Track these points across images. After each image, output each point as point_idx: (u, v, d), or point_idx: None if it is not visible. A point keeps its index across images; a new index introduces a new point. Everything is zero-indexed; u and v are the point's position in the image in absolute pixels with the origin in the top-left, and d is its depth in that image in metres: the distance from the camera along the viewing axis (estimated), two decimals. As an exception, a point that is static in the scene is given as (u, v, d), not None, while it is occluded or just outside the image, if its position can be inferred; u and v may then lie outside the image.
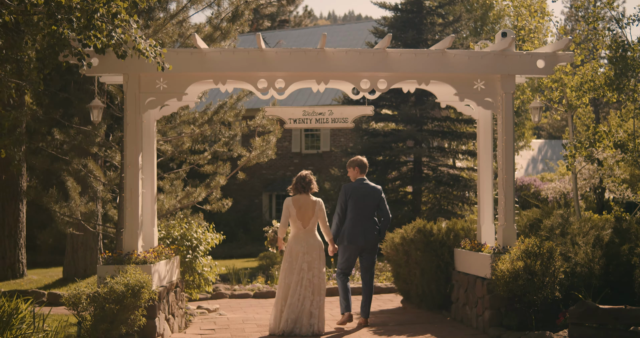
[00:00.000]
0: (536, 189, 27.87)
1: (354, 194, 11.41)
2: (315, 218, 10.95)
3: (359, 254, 11.60)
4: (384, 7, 27.26)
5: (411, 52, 11.39)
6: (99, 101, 11.85)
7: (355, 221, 11.37)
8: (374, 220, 11.57)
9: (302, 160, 33.22)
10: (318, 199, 11.12)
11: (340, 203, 11.45)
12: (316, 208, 10.95)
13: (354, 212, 11.33)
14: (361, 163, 11.70)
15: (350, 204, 11.36)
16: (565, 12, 40.79)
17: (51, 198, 15.18)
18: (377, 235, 11.54)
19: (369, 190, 11.49)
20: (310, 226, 10.92)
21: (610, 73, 13.82)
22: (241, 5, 15.86)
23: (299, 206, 10.92)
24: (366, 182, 11.57)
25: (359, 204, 11.36)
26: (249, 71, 11.23)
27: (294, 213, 10.89)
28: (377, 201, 11.50)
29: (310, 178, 11.11)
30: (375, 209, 11.53)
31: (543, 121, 49.20)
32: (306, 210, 10.91)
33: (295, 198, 11.03)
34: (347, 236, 11.39)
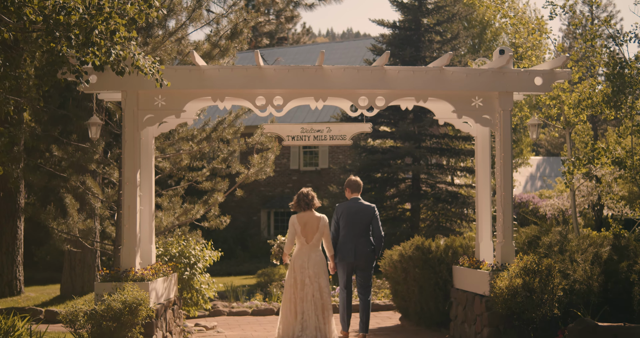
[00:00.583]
0: (534, 206, 27.86)
1: (346, 213, 11.54)
2: (320, 234, 11.09)
3: (352, 270, 11.64)
4: (382, 25, 27.36)
5: (409, 70, 11.42)
6: (97, 118, 11.86)
7: (347, 238, 11.47)
8: (368, 238, 11.61)
9: (300, 177, 33.21)
10: (322, 215, 11.25)
11: (333, 222, 11.59)
12: (320, 224, 11.10)
13: (346, 230, 11.45)
14: (353, 183, 11.84)
15: (342, 222, 11.49)
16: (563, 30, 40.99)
17: (49, 215, 15.16)
18: (370, 253, 11.59)
19: (361, 209, 11.60)
20: (314, 242, 11.06)
21: (608, 90, 13.85)
22: (240, 23, 15.91)
23: (304, 222, 11.07)
24: (360, 201, 11.69)
25: (350, 223, 11.48)
26: (248, 88, 11.25)
27: (299, 229, 11.04)
28: (370, 219, 11.58)
29: (312, 195, 11.29)
30: (369, 227, 11.59)
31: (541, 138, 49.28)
32: (311, 226, 11.07)
33: (300, 215, 11.18)
34: (339, 253, 11.49)
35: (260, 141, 16.45)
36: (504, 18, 15.76)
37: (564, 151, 15.96)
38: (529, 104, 18.15)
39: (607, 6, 37.54)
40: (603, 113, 14.16)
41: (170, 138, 15.94)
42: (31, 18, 8.01)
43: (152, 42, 14.45)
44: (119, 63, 9.07)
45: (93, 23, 8.33)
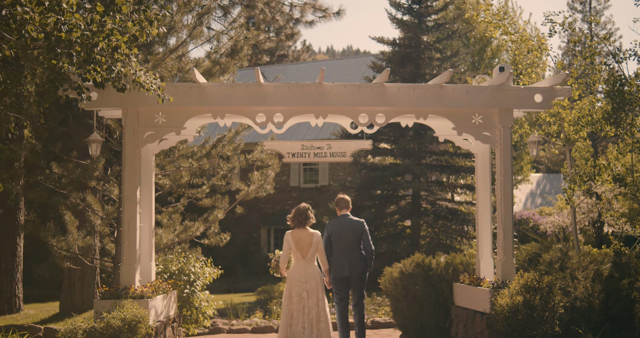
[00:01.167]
0: (535, 223, 27.81)
1: (337, 229, 11.62)
2: (314, 249, 11.21)
3: (348, 284, 11.68)
4: (382, 42, 27.42)
5: (409, 87, 11.44)
6: (97, 135, 11.88)
7: (340, 253, 11.53)
8: (360, 252, 11.64)
9: (300, 194, 33.18)
10: (316, 231, 11.36)
11: (325, 238, 11.65)
12: (314, 240, 11.23)
13: (338, 246, 11.53)
14: (341, 200, 11.91)
15: (334, 238, 11.57)
16: (562, 47, 41.07)
17: (48, 232, 15.14)
18: (363, 266, 11.63)
19: (351, 224, 11.66)
20: (309, 257, 11.18)
21: (608, 107, 13.87)
22: (240, 40, 15.95)
23: (297, 239, 11.21)
24: (349, 217, 11.75)
25: (342, 238, 11.55)
26: (248, 105, 11.27)
27: (293, 245, 11.19)
28: (360, 234, 11.63)
29: (307, 213, 11.39)
30: (360, 242, 11.64)
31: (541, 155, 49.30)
32: (305, 242, 11.19)
33: (293, 231, 11.32)
34: (334, 268, 11.56)
35: (260, 158, 16.46)
36: (504, 35, 15.80)
37: (564, 168, 15.96)
38: (529, 121, 18.20)
39: (606, 24, 37.65)
40: (603, 130, 14.17)
41: (170, 155, 15.94)
42: (32, 35, 8.03)
43: (152, 59, 14.48)
44: (120, 80, 9.09)
45: (94, 40, 8.36)
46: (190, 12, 15.58)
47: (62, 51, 8.31)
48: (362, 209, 25.17)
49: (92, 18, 8.35)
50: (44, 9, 7.98)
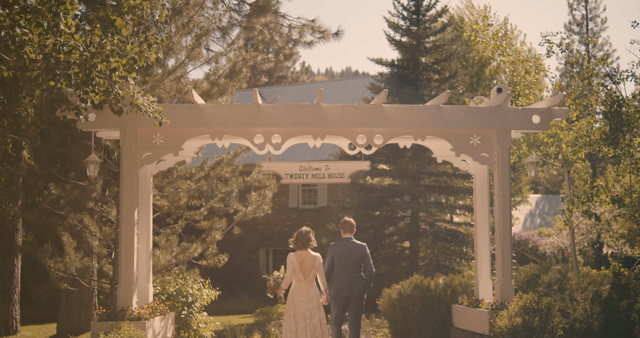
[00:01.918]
0: (534, 244, 27.74)
1: (339, 251, 11.79)
2: (315, 270, 11.36)
3: (346, 304, 11.82)
4: (381, 64, 27.49)
5: (407, 108, 11.46)
6: (95, 156, 11.87)
7: (342, 275, 11.71)
8: (360, 274, 11.78)
9: (299, 215, 33.12)
10: (317, 254, 11.51)
11: (328, 259, 11.85)
12: (316, 262, 11.37)
13: (340, 267, 11.72)
14: (346, 223, 12.06)
15: (336, 260, 11.77)
16: (560, 68, 41.13)
17: (46, 253, 15.10)
18: (362, 287, 11.77)
19: (354, 247, 11.81)
20: (310, 278, 11.34)
21: (606, 128, 13.89)
22: (239, 62, 15.99)
23: (300, 260, 11.34)
24: (352, 240, 11.89)
25: (344, 260, 11.72)
26: (246, 126, 11.28)
27: (297, 266, 11.32)
28: (361, 256, 11.80)
29: (309, 236, 11.54)
30: (361, 264, 11.79)
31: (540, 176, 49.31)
32: (308, 264, 11.33)
33: (297, 253, 11.43)
34: (334, 288, 11.73)
35: (258, 179, 16.45)
36: (502, 56, 15.85)
37: (563, 188, 15.95)
38: (527, 142, 18.22)
39: (604, 45, 37.73)
40: (601, 151, 14.18)
41: (168, 176, 15.93)
42: (31, 56, 8.04)
43: (151, 80, 14.51)
44: (118, 102, 9.10)
45: (93, 61, 8.37)
46: (189, 33, 15.64)
47: (61, 72, 8.32)
48: (361, 230, 25.11)
49: (91, 40, 8.37)
50: (42, 31, 8.00)
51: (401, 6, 27.30)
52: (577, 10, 35.25)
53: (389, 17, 27.39)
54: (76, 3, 8.41)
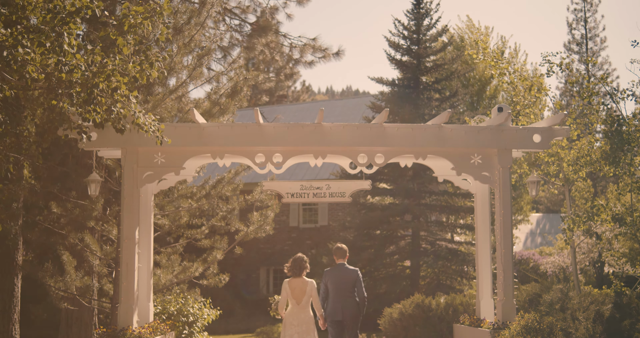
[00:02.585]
0: (535, 263, 27.66)
1: (333, 277, 11.92)
2: (308, 296, 11.70)
3: (342, 327, 11.90)
4: (381, 83, 27.58)
5: (408, 127, 11.47)
6: (96, 175, 11.88)
7: (335, 299, 11.84)
8: (353, 298, 11.90)
9: (300, 234, 33.07)
10: (310, 280, 11.81)
11: (322, 285, 12.00)
12: (308, 288, 11.72)
13: (333, 292, 11.88)
14: (338, 250, 12.16)
15: (330, 285, 11.90)
16: (560, 88, 41.15)
17: (46, 272, 15.07)
18: (355, 311, 11.86)
19: (346, 273, 11.92)
20: (303, 303, 11.67)
21: (606, 147, 13.90)
22: (240, 81, 16.03)
23: (293, 287, 11.70)
24: (345, 266, 11.98)
25: (337, 286, 11.86)
26: (247, 145, 11.29)
27: (289, 293, 11.68)
28: (353, 282, 11.91)
29: (302, 264, 11.81)
30: (354, 289, 11.93)
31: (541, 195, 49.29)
32: (300, 290, 11.70)
33: (290, 280, 11.77)
34: (328, 312, 11.86)
35: (259, 198, 16.45)
36: (503, 75, 15.89)
37: (564, 207, 15.94)
38: (528, 161, 18.22)
39: (603, 64, 37.77)
40: (602, 170, 14.18)
41: (169, 195, 15.93)
42: (33, 76, 8.07)
43: (152, 99, 14.54)
44: (120, 121, 9.11)
45: (95, 81, 8.39)
46: (190, 53, 15.69)
47: (63, 91, 8.34)
48: (362, 249, 25.07)
49: (93, 59, 8.40)
50: (45, 50, 8.03)
51: (402, 26, 27.42)
52: (577, 29, 35.39)
53: (390, 37, 27.50)
54: (79, 23, 8.45)
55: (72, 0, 8.27)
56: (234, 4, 24.72)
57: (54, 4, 8.24)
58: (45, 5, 8.33)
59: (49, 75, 8.21)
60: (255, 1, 24.92)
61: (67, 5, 8.25)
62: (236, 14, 24.88)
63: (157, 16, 8.82)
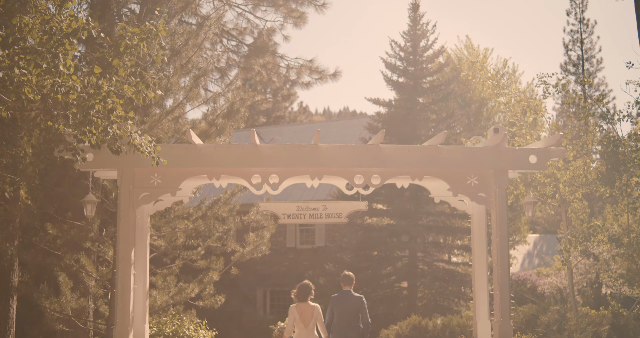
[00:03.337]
0: (532, 284, 27.63)
1: (338, 303, 12.24)
2: (314, 320, 12.07)
3: None
4: (378, 104, 27.66)
5: (404, 148, 11.48)
6: (92, 196, 11.86)
7: (340, 325, 12.14)
8: (357, 323, 12.15)
9: (296, 255, 32.98)
10: (316, 305, 12.18)
11: (329, 310, 12.31)
12: (314, 312, 12.10)
13: (338, 317, 12.19)
14: (345, 278, 12.47)
15: (335, 311, 12.22)
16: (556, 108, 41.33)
17: (42, 293, 15.01)
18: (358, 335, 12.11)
19: (351, 300, 12.23)
20: (310, 326, 12.05)
21: (602, 168, 13.92)
22: (237, 102, 16.07)
23: (300, 311, 12.09)
24: (350, 293, 12.28)
25: (342, 311, 12.18)
26: (243, 166, 11.29)
27: (297, 317, 12.06)
28: (358, 308, 12.18)
29: (307, 290, 12.21)
30: (358, 315, 12.20)
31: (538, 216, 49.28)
32: (307, 314, 12.11)
33: (297, 305, 12.15)
34: (334, 336, 12.17)
35: (256, 219, 16.44)
36: (500, 96, 15.95)
37: (561, 228, 15.93)
38: (525, 182, 18.24)
39: (600, 85, 37.88)
40: (598, 191, 14.19)
41: (166, 216, 15.90)
42: (29, 97, 8.07)
43: (149, 120, 14.56)
44: (116, 142, 9.11)
45: (91, 102, 8.40)
46: (188, 74, 15.74)
47: (59, 112, 8.35)
48: (359, 270, 25.01)
49: (89, 81, 8.41)
50: (41, 71, 8.05)
51: (398, 47, 27.54)
52: (573, 50, 35.51)
53: (386, 58, 27.62)
54: (75, 44, 8.47)
55: (68, 22, 8.29)
56: (232, 26, 24.85)
57: (50, 26, 8.27)
58: (42, 27, 8.35)
59: (45, 96, 8.21)
60: (252, 23, 25.04)
61: (63, 26, 8.28)
62: (233, 35, 24.99)
63: (152, 37, 8.84)
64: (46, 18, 8.29)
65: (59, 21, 8.30)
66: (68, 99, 8.24)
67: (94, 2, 17.40)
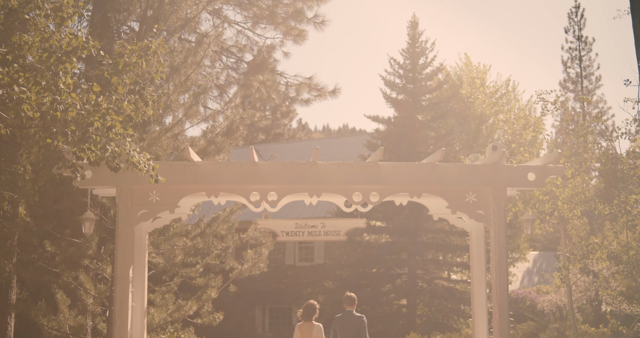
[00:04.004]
0: (532, 301, 27.55)
1: (340, 323, 12.62)
2: None
3: None
4: (377, 121, 27.72)
5: (403, 166, 11.49)
6: (91, 213, 11.85)
7: None
8: None
9: (295, 272, 32.91)
10: (318, 324, 12.61)
11: (332, 331, 12.69)
12: (314, 331, 12.50)
13: (341, 335, 12.53)
14: (347, 298, 12.85)
15: (338, 330, 12.58)
16: (555, 126, 41.36)
17: (40, 311, 14.97)
18: None
19: (352, 320, 12.57)
20: None
21: (601, 186, 13.93)
22: (236, 120, 16.10)
23: (303, 330, 12.50)
24: (352, 313, 12.62)
25: (343, 331, 12.54)
26: (242, 183, 11.29)
27: (300, 336, 12.53)
28: (358, 328, 12.49)
29: (312, 310, 12.63)
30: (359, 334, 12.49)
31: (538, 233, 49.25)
32: (308, 333, 12.53)
33: (302, 324, 12.58)
34: None
35: (254, 236, 16.43)
36: (499, 114, 15.98)
37: (561, 245, 15.93)
38: (523, 200, 18.26)
39: (599, 102, 37.92)
40: (596, 208, 14.19)
41: (164, 234, 15.89)
42: (29, 114, 8.09)
43: (148, 138, 14.57)
44: (114, 159, 9.12)
45: (90, 119, 8.41)
46: (187, 91, 15.78)
47: (58, 130, 8.36)
48: (358, 288, 24.97)
49: (88, 98, 8.43)
50: (40, 89, 8.07)
51: (397, 64, 27.63)
52: (572, 68, 35.63)
53: (385, 76, 27.70)
54: (75, 62, 8.50)
55: (68, 40, 8.33)
56: (231, 43, 24.95)
57: (50, 44, 8.30)
58: (42, 45, 8.39)
59: (44, 113, 8.23)
60: (252, 40, 25.14)
61: (63, 44, 8.32)
62: (233, 52, 25.07)
63: (151, 54, 8.87)
64: (46, 36, 8.32)
65: (59, 39, 8.34)
66: (67, 117, 8.26)
67: (94, 20, 17.47)
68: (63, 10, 8.42)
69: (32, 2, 8.28)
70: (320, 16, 24.72)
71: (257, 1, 24.44)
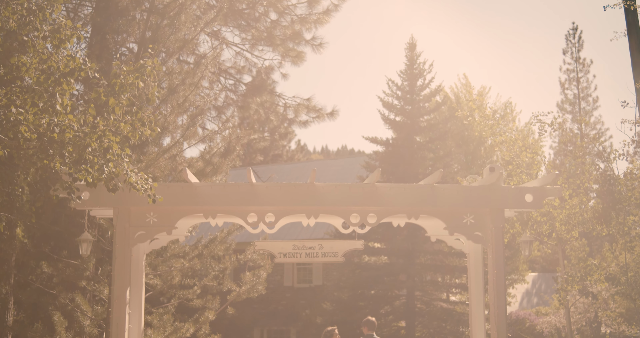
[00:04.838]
0: (531, 323, 27.46)
1: None
2: None
3: None
4: (376, 142, 27.75)
5: (400, 187, 11.48)
6: (88, 235, 11.83)
7: None
8: None
9: (294, 294, 32.79)
10: None
11: None
12: None
13: None
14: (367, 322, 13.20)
15: None
16: (553, 147, 41.41)
17: (36, 333, 14.90)
18: None
19: None
20: None
21: (598, 207, 13.93)
22: (233, 140, 16.12)
23: None
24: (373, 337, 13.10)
25: None
26: (239, 205, 11.27)
27: None
28: None
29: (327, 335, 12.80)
30: None
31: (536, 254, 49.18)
32: None
33: None
34: None
35: (252, 258, 16.40)
36: (497, 136, 16.01)
37: (560, 267, 15.90)
38: (521, 221, 18.24)
39: (596, 124, 37.98)
40: (594, 229, 14.18)
41: (162, 255, 15.85)
42: (26, 135, 8.09)
43: (145, 159, 14.58)
44: (112, 180, 9.11)
45: (87, 141, 8.42)
46: (185, 112, 15.80)
47: (55, 151, 8.36)
48: (356, 309, 24.89)
49: (85, 119, 8.44)
50: (38, 110, 8.08)
51: (395, 86, 27.72)
52: (569, 89, 35.73)
53: (383, 97, 27.78)
54: (72, 84, 8.52)
55: (65, 61, 8.35)
56: (230, 65, 25.03)
57: (48, 65, 8.33)
58: (40, 66, 8.41)
59: (42, 135, 8.23)
60: (250, 61, 25.23)
61: (61, 66, 8.34)
62: (231, 74, 25.15)
63: (147, 75, 8.89)
64: (44, 57, 8.35)
65: (57, 61, 8.36)
66: (64, 138, 8.26)
67: (93, 42, 17.55)
68: (61, 32, 8.45)
69: (30, 24, 8.31)
70: (318, 38, 24.81)
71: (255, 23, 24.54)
